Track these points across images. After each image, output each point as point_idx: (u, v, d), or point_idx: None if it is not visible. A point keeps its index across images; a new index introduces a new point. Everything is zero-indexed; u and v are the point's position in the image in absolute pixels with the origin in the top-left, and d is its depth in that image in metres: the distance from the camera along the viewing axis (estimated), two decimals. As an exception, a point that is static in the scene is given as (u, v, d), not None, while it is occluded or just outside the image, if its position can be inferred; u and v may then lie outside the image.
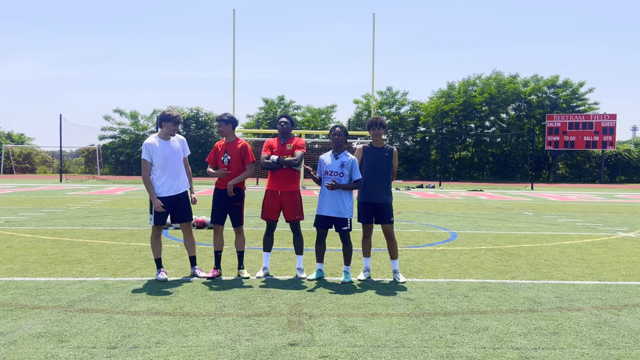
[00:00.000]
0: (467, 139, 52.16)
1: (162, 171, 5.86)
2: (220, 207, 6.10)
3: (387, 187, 6.04)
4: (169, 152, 5.87)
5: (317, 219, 6.01)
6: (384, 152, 6.06)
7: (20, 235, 8.98)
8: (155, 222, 5.91)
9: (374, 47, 39.82)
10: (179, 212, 6.03)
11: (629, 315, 4.75)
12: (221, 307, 4.80)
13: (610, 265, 7.05)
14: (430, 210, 15.39)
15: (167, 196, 5.88)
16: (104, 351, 3.66)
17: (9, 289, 5.31)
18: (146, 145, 5.85)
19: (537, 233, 10.32)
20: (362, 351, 3.74)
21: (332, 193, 5.88)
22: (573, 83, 50.14)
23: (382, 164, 6.02)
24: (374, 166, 6.00)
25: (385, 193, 6.01)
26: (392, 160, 6.06)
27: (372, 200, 6.00)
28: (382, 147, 6.09)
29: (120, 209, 14.25)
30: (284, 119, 6.16)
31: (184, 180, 6.04)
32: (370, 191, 5.99)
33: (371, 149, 6.10)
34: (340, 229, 5.91)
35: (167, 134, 5.91)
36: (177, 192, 5.93)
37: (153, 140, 5.88)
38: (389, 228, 6.07)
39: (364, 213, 6.05)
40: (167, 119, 5.86)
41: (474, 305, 4.99)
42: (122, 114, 52.67)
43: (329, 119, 54.16)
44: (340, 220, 5.90)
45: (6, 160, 50.35)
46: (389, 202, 6.05)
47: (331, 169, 5.93)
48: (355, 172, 5.87)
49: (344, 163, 5.89)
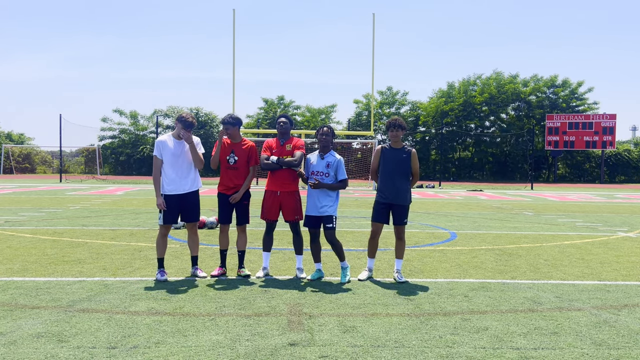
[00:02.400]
0: (467, 139, 52.17)
1: (172, 169, 5.90)
2: (228, 208, 6.13)
3: (404, 188, 6.03)
4: (180, 151, 5.91)
5: (306, 219, 6.05)
6: (402, 154, 6.06)
7: (20, 235, 8.98)
8: (164, 221, 5.94)
9: (374, 47, 39.83)
10: (186, 211, 6.05)
11: (629, 315, 4.75)
12: (221, 307, 4.80)
13: (610, 265, 7.05)
14: (430, 210, 15.39)
15: (175, 194, 5.91)
16: (104, 351, 3.66)
17: (9, 289, 5.31)
18: (158, 143, 5.94)
19: (537, 233, 10.32)
20: (362, 351, 3.75)
21: (317, 192, 5.92)
22: (572, 83, 50.18)
23: (400, 165, 6.01)
24: (392, 167, 6.01)
25: (402, 194, 6.01)
26: (411, 162, 6.06)
27: (389, 201, 6.02)
28: (400, 148, 6.10)
29: (120, 209, 14.25)
30: (282, 119, 6.16)
31: (194, 180, 6.05)
32: (387, 192, 6.01)
33: (389, 150, 6.11)
34: (325, 225, 5.93)
35: (178, 135, 5.94)
36: (185, 191, 5.95)
37: (165, 137, 5.96)
38: (400, 229, 6.11)
39: (379, 212, 6.06)
40: (179, 120, 5.91)
41: (474, 305, 4.99)
42: (122, 114, 52.70)
43: (329, 119, 54.17)
44: (325, 218, 5.92)
45: (6, 160, 50.35)
46: (406, 204, 6.06)
47: (317, 169, 5.97)
48: (341, 172, 5.93)
49: (330, 163, 5.94)
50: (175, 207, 5.95)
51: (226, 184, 6.10)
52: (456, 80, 58.48)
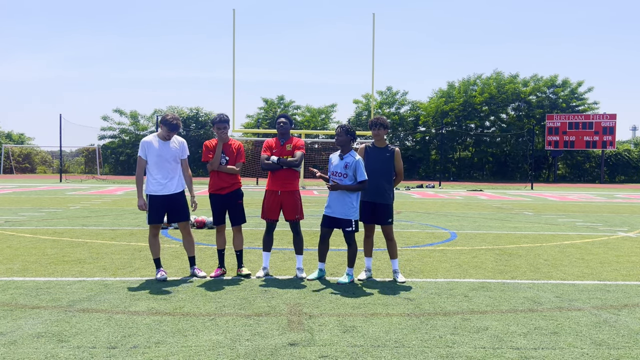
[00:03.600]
0: (467, 139, 52.16)
1: (157, 170, 5.88)
2: (220, 209, 6.14)
3: (387, 187, 6.02)
4: (165, 152, 5.88)
5: (323, 219, 6.03)
6: (385, 153, 6.06)
7: (20, 235, 8.98)
8: (149, 220, 5.93)
9: (374, 47, 39.82)
10: (174, 212, 6.03)
11: (629, 315, 4.75)
12: (221, 307, 4.80)
13: (610, 265, 7.05)
14: (430, 210, 15.39)
15: (161, 195, 5.89)
16: (104, 351, 3.66)
17: (9, 289, 5.31)
18: (143, 143, 5.91)
19: (537, 233, 10.32)
20: (362, 351, 3.74)
21: (337, 194, 5.88)
22: (572, 83, 50.17)
23: (383, 164, 6.01)
24: (374, 166, 6.00)
25: (384, 193, 6.00)
26: (394, 161, 6.05)
27: (371, 200, 6.01)
28: (384, 147, 6.09)
29: (120, 209, 14.26)
30: (282, 119, 6.16)
31: (179, 182, 6.03)
32: (369, 190, 5.99)
33: (373, 148, 6.11)
34: (344, 229, 5.91)
35: (164, 136, 5.92)
36: (170, 192, 5.93)
37: (151, 138, 5.94)
38: (388, 229, 6.07)
39: (364, 212, 6.05)
40: (163, 122, 5.89)
41: (474, 305, 4.99)
42: (122, 114, 52.70)
43: (329, 119, 54.16)
44: (344, 222, 5.89)
45: (6, 160, 50.34)
46: (389, 203, 6.04)
47: (336, 169, 5.93)
48: (360, 173, 5.80)
49: (348, 164, 5.85)
50: (161, 206, 5.92)
51: (219, 185, 6.08)
52: (456, 80, 58.53)
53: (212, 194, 6.16)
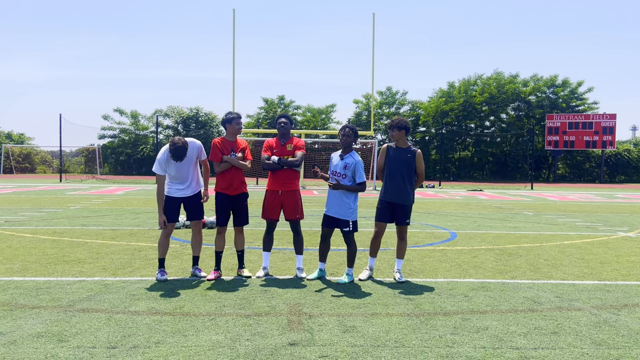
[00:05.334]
0: (467, 139, 52.17)
1: (175, 179, 5.96)
2: (226, 209, 6.10)
3: (408, 187, 6.01)
4: (180, 165, 5.89)
5: (324, 218, 6.04)
6: (406, 153, 6.04)
7: (20, 235, 8.97)
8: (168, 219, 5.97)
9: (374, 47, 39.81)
10: (190, 210, 6.09)
11: (629, 315, 4.75)
12: (221, 307, 4.80)
13: (610, 265, 7.05)
14: (430, 210, 15.39)
15: (177, 197, 5.97)
16: (104, 351, 3.66)
17: (9, 289, 5.31)
18: (159, 161, 5.84)
19: (537, 233, 10.32)
20: (362, 351, 3.75)
21: (336, 193, 5.89)
22: (572, 82, 50.19)
23: (403, 164, 6.00)
24: (395, 166, 6.00)
25: (405, 194, 5.99)
26: (415, 162, 6.04)
27: (392, 200, 6.02)
28: (405, 147, 6.09)
29: (120, 208, 14.25)
30: (283, 119, 6.16)
31: (194, 186, 6.06)
32: (390, 191, 6.01)
33: (394, 149, 6.10)
34: (342, 229, 5.92)
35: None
36: (187, 195, 6.01)
37: (165, 157, 5.85)
38: (403, 229, 6.10)
39: (382, 211, 6.05)
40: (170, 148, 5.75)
41: (474, 305, 4.99)
42: (122, 113, 52.71)
43: (329, 119, 54.18)
44: (342, 222, 5.89)
45: (6, 160, 50.35)
46: (409, 204, 6.05)
47: (336, 169, 5.94)
48: (359, 175, 5.82)
49: (347, 165, 5.86)
50: (176, 206, 6.00)
51: (229, 182, 6.03)
52: (456, 80, 58.57)
53: (219, 193, 6.10)
